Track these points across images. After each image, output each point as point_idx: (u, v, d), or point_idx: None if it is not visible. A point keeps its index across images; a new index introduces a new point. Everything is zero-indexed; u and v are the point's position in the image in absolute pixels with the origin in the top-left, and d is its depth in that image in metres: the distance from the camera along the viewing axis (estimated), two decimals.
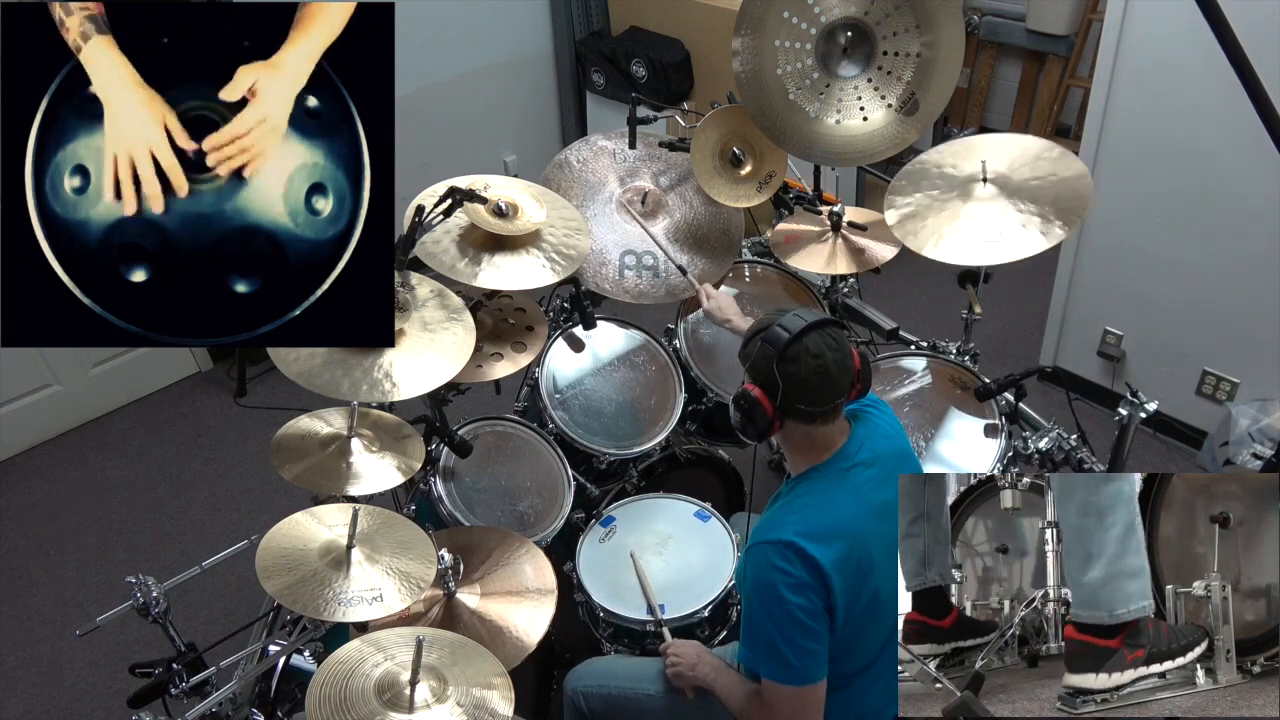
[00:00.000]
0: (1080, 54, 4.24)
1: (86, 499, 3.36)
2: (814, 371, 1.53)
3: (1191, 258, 2.95)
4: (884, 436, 1.69)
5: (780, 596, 1.51)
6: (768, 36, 2.25)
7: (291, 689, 1.94)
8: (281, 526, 1.66)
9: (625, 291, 2.42)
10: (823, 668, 1.56)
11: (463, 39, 4.15)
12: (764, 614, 1.54)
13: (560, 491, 2.26)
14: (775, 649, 1.53)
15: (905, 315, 2.72)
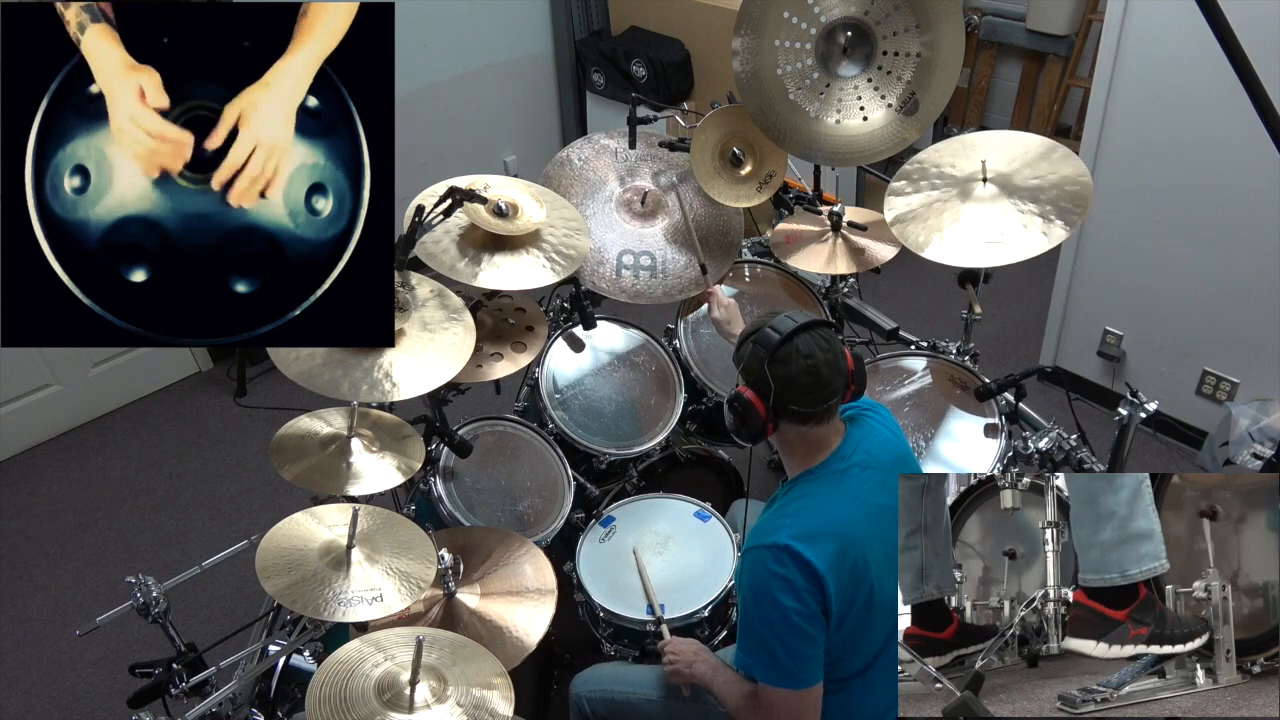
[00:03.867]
0: (1080, 54, 4.24)
1: (86, 499, 3.36)
2: (805, 371, 1.54)
3: (1191, 258, 2.96)
4: (881, 439, 1.69)
5: (775, 600, 1.51)
6: (768, 36, 2.25)
7: (291, 689, 1.94)
8: (281, 526, 1.66)
9: (622, 291, 2.42)
10: (818, 671, 1.56)
11: (463, 39, 4.15)
12: (759, 617, 1.55)
13: (560, 491, 2.26)
14: (770, 652, 1.54)
15: (905, 315, 2.72)
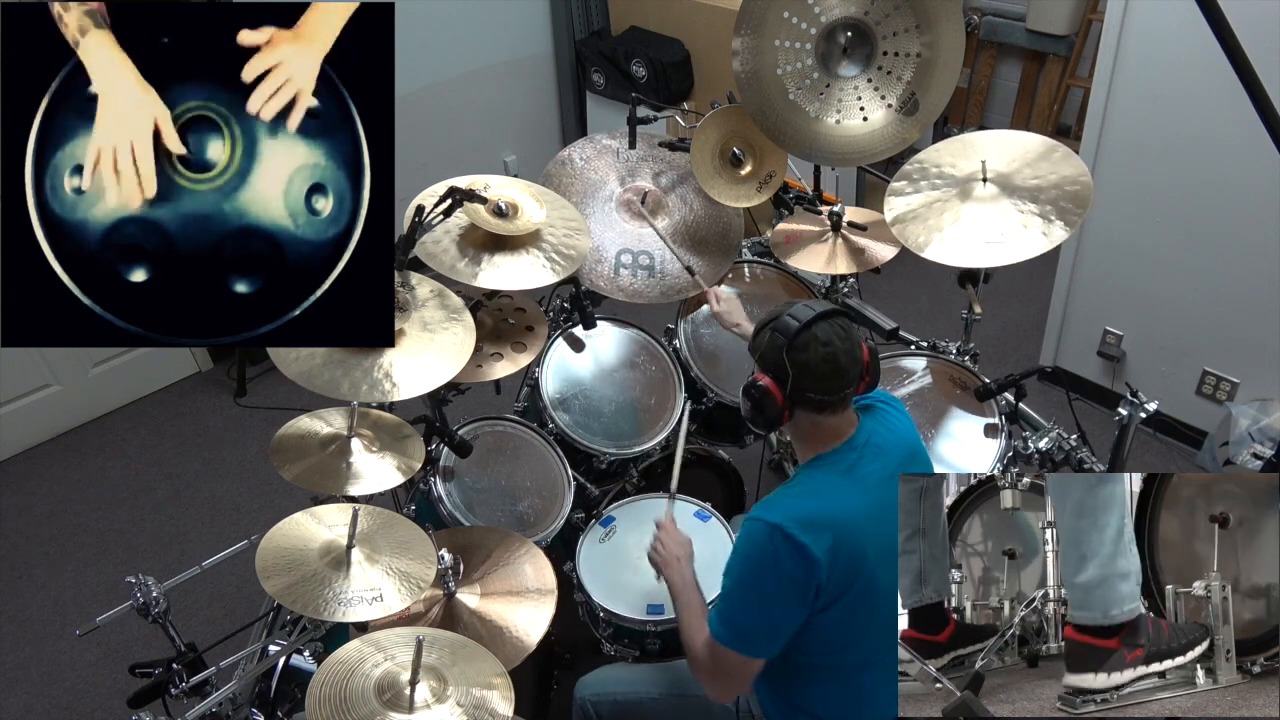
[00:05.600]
0: (1080, 54, 4.24)
1: (86, 499, 3.36)
2: (823, 359, 1.54)
3: (1191, 258, 2.96)
4: (894, 431, 1.70)
5: (756, 573, 1.56)
6: (768, 36, 2.25)
7: (291, 689, 1.94)
8: (281, 526, 1.66)
9: (620, 290, 2.42)
10: (768, 648, 1.60)
11: (463, 39, 4.15)
12: (738, 583, 1.60)
13: (560, 491, 2.26)
14: (737, 614, 1.60)
15: (905, 315, 2.72)
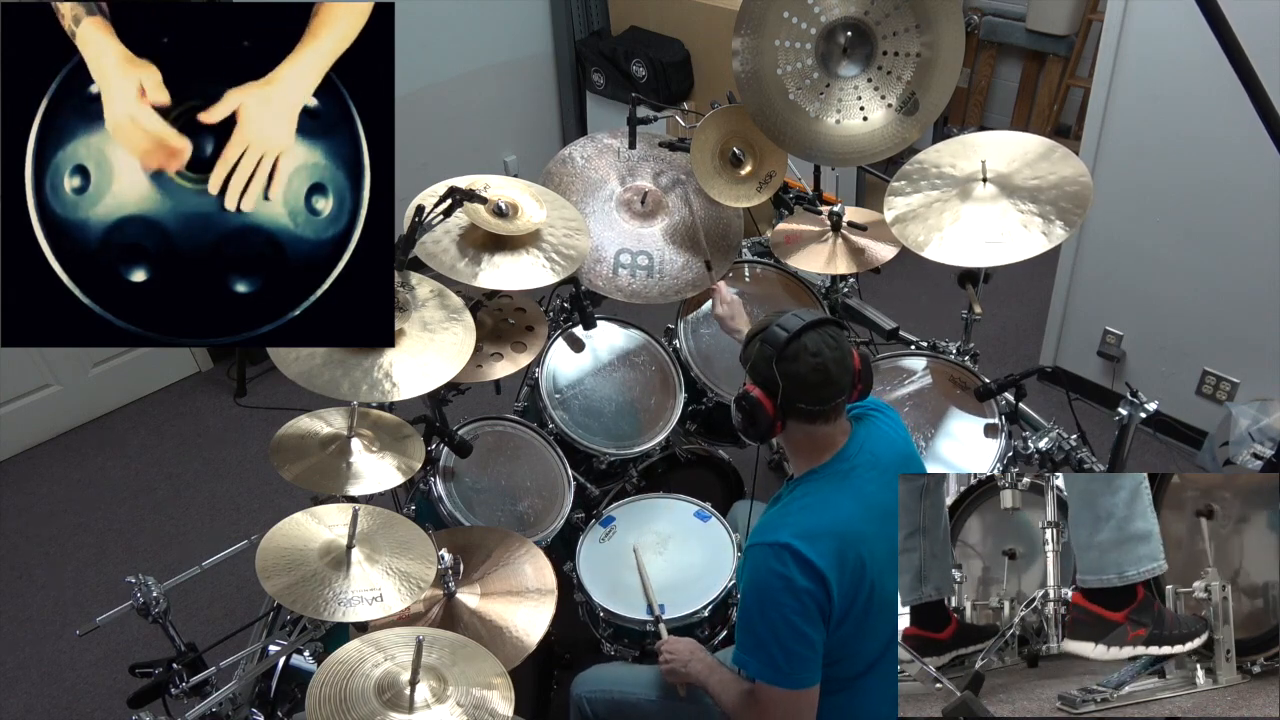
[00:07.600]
0: (1080, 54, 4.24)
1: (86, 499, 3.36)
2: (813, 370, 1.53)
3: (1191, 258, 2.95)
4: (887, 439, 1.69)
5: (775, 600, 1.51)
6: (768, 36, 2.25)
7: (291, 689, 1.94)
8: (281, 526, 1.66)
9: (619, 290, 2.42)
10: (815, 673, 1.56)
11: (463, 39, 4.15)
12: (759, 616, 1.55)
13: (560, 491, 2.26)
14: (768, 651, 1.54)
15: (905, 315, 2.72)
